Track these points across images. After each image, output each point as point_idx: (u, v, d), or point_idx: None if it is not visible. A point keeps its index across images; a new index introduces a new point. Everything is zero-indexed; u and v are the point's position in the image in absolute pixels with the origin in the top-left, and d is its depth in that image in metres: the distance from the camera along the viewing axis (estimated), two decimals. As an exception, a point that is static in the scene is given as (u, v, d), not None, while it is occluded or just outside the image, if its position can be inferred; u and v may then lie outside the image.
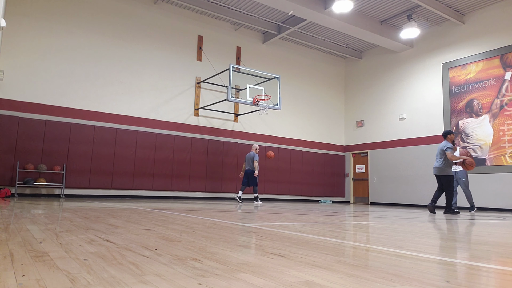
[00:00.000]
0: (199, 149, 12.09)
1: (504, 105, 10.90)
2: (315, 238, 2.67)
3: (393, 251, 2.18)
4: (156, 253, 1.85)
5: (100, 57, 10.80)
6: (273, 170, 13.61)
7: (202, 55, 12.55)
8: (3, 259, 1.59)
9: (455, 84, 12.13)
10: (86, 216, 3.94)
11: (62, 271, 1.38)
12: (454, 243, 2.72)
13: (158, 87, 11.68)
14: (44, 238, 2.25)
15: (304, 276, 1.43)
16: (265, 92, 11.16)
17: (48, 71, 10.02)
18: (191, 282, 1.28)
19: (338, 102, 15.92)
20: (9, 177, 9.21)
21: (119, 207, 5.89)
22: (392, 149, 13.83)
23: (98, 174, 10.33)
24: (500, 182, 10.67)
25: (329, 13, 11.26)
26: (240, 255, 1.86)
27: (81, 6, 10.68)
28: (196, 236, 2.58)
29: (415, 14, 12.07)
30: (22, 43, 9.73)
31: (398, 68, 13.98)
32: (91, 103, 10.54)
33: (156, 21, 11.85)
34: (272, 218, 4.62)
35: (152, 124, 11.41)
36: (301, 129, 14.65)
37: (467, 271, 1.66)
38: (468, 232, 3.68)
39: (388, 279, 1.41)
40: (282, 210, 7.00)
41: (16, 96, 9.57)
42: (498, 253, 2.26)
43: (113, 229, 2.82)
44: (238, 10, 12.29)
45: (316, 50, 15.27)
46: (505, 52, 10.96)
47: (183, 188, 11.67)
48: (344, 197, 15.45)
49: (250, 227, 3.38)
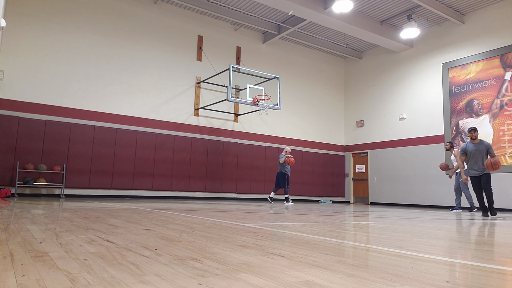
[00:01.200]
0: (199, 149, 12.10)
1: (504, 105, 10.90)
2: (315, 238, 2.67)
3: (393, 251, 2.18)
4: (156, 253, 1.85)
5: (100, 57, 10.80)
6: (273, 170, 13.61)
7: (202, 55, 12.55)
8: (3, 259, 1.59)
9: (455, 84, 12.13)
10: (86, 216, 3.94)
11: (62, 271, 1.38)
12: (454, 243, 2.72)
13: (158, 87, 11.68)
14: (44, 238, 2.25)
15: (304, 276, 1.43)
16: (265, 92, 11.16)
17: (48, 71, 10.02)
18: (191, 282, 1.28)
19: (338, 102, 15.92)
20: (9, 177, 9.21)
21: (119, 207, 5.89)
22: (392, 149, 13.83)
23: (98, 174, 10.33)
24: (500, 182, 10.67)
25: (329, 13, 11.26)
26: (240, 255, 1.86)
27: (81, 6, 10.68)
28: (196, 236, 2.58)
29: (415, 14, 12.07)
30: (22, 43, 9.73)
31: (398, 68, 13.98)
32: (91, 103, 10.54)
33: (156, 21, 11.86)
34: (272, 218, 4.62)
35: (152, 124, 11.41)
36: (301, 129, 14.65)
37: (467, 271, 1.66)
38: (468, 232, 3.68)
39: (388, 279, 1.41)
40: (282, 210, 7.00)
41: (16, 96, 9.57)
42: (498, 253, 2.26)
43: (113, 229, 2.82)
44: (238, 10, 12.29)
45: (316, 50, 15.27)
46: (505, 52, 10.95)
47: (183, 188, 11.67)
48: (344, 197, 15.45)
49: (250, 227, 3.38)
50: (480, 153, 7.21)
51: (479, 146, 7.25)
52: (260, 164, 13.33)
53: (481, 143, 7.24)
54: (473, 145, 7.32)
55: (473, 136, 7.26)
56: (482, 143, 7.24)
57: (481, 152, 7.21)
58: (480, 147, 7.24)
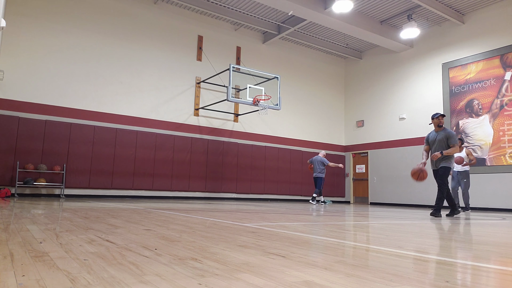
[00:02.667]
0: (199, 149, 12.10)
1: (504, 105, 10.90)
2: (315, 238, 2.67)
3: (393, 251, 2.18)
4: (156, 253, 1.85)
5: (100, 57, 10.80)
6: (273, 170, 13.62)
7: (202, 55, 12.55)
8: (3, 259, 1.59)
9: (455, 84, 12.13)
10: (86, 216, 3.94)
11: (62, 271, 1.38)
12: (454, 243, 2.72)
13: (158, 87, 11.68)
14: (44, 238, 2.25)
15: (304, 276, 1.43)
16: (265, 92, 11.16)
17: (48, 71, 10.02)
18: (191, 282, 1.28)
19: (338, 102, 15.92)
20: (9, 177, 9.21)
21: (119, 207, 5.89)
22: (392, 149, 13.83)
23: (98, 174, 10.33)
24: (500, 182, 10.67)
25: (329, 13, 11.26)
26: (240, 255, 1.86)
27: (81, 6, 10.68)
28: (196, 236, 2.58)
29: (415, 14, 12.07)
30: (22, 43, 9.73)
31: (398, 68, 13.98)
32: (91, 103, 10.54)
33: (156, 21, 11.86)
34: (272, 218, 4.62)
35: (152, 124, 11.41)
36: (301, 129, 14.65)
37: (467, 271, 1.66)
38: (468, 232, 3.68)
39: (388, 279, 1.41)
40: (282, 210, 7.00)
41: (16, 96, 9.57)
42: (498, 253, 2.26)
43: (113, 229, 2.82)
44: (238, 10, 12.29)
45: (316, 50, 15.27)
46: (505, 52, 10.96)
47: (183, 188, 11.67)
48: (344, 197, 15.45)
49: (250, 227, 3.38)
50: (440, 143, 6.49)
51: (440, 135, 6.54)
52: (260, 164, 13.33)
53: (444, 131, 6.55)
54: (436, 133, 6.64)
55: (440, 123, 6.58)
56: (444, 131, 6.54)
57: (441, 142, 6.49)
58: (439, 136, 6.54)
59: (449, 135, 6.44)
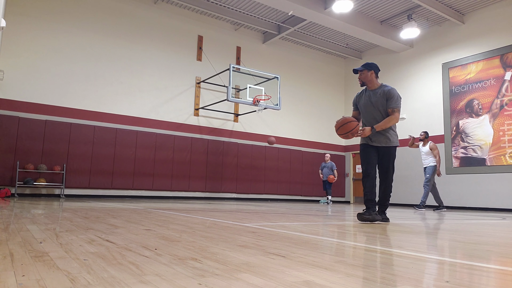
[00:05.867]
0: (199, 149, 12.10)
1: (504, 105, 10.90)
2: (315, 238, 2.67)
3: (393, 251, 2.18)
4: (156, 253, 1.85)
5: (100, 57, 10.80)
6: (273, 170, 13.61)
7: (202, 55, 12.55)
8: (3, 259, 1.59)
9: (455, 84, 12.12)
10: (86, 216, 3.94)
11: (62, 271, 1.38)
12: (454, 243, 2.72)
13: (158, 87, 11.68)
14: (44, 238, 2.25)
15: (304, 276, 1.43)
16: (265, 92, 11.16)
17: (48, 71, 10.02)
18: (191, 282, 1.28)
19: (338, 102, 15.92)
20: (9, 177, 9.21)
21: (119, 207, 5.89)
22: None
23: (98, 174, 10.33)
24: (500, 182, 10.66)
25: (329, 13, 11.26)
26: (240, 255, 1.86)
27: (81, 6, 10.68)
28: (196, 236, 2.58)
29: (415, 14, 12.06)
30: (22, 43, 9.73)
31: (398, 68, 13.98)
32: (91, 103, 10.54)
33: (156, 21, 11.86)
34: (272, 218, 4.62)
35: (152, 124, 11.41)
36: (301, 129, 14.65)
37: (467, 271, 1.66)
38: (468, 232, 3.68)
39: (388, 279, 1.41)
40: (282, 210, 7.00)
41: (16, 96, 9.57)
42: (498, 253, 2.26)
43: (113, 229, 2.82)
44: (238, 10, 12.29)
45: (316, 50, 15.27)
46: (505, 52, 10.95)
47: (183, 188, 11.67)
48: (344, 197, 15.45)
49: (250, 227, 3.38)
50: (376, 106, 4.39)
51: (375, 95, 4.39)
52: (260, 164, 13.33)
53: (380, 88, 4.43)
54: (369, 92, 4.47)
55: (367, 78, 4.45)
56: (381, 89, 4.41)
57: (377, 105, 4.38)
58: (375, 97, 4.38)
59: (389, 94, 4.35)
